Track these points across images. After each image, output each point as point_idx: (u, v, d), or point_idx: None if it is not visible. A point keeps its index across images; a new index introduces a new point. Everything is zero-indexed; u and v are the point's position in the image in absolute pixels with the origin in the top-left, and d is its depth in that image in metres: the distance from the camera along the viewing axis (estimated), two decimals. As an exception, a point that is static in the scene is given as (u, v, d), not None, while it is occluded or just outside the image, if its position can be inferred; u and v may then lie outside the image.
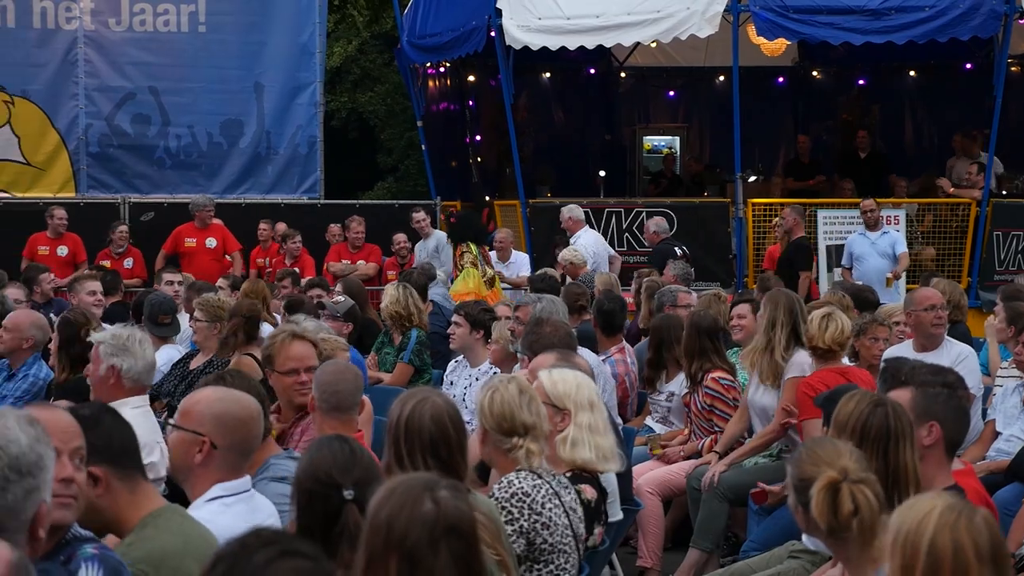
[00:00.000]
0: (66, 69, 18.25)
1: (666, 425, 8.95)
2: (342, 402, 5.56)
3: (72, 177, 18.43)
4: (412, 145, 24.26)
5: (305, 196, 18.95)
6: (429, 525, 3.00)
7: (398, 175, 25.29)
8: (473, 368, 8.78)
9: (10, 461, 2.99)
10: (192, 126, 18.68)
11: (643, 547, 8.04)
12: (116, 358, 5.95)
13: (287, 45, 18.81)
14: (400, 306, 10.05)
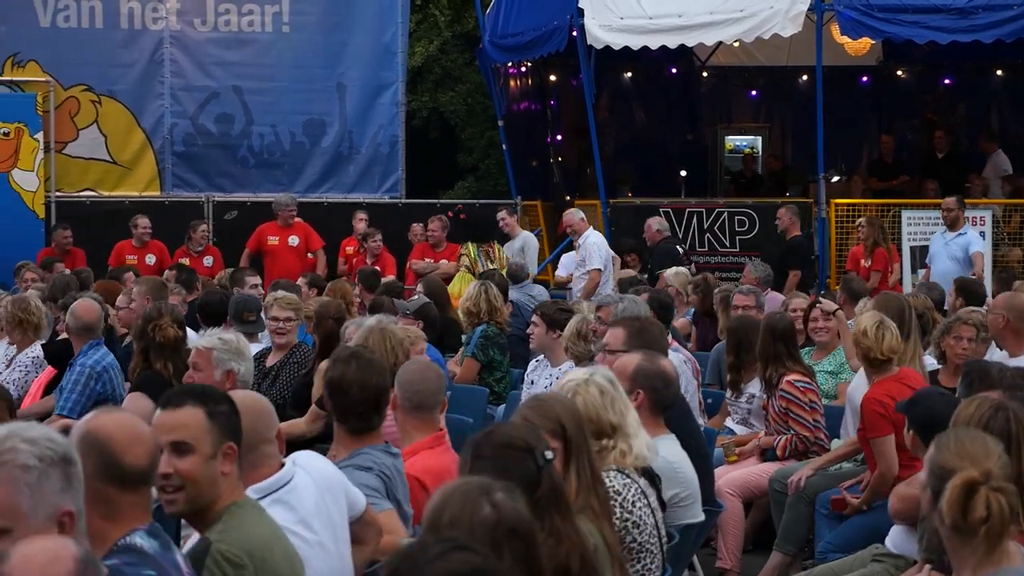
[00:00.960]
0: (152, 69, 18.48)
1: (746, 427, 8.90)
2: (424, 401, 5.56)
3: (157, 176, 18.65)
4: (492, 144, 24.25)
5: (387, 195, 19.03)
6: (490, 528, 3.03)
7: (478, 174, 25.28)
8: (553, 368, 8.77)
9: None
10: (275, 125, 18.83)
11: (723, 548, 8.00)
12: (232, 362, 6.05)
13: (370, 45, 18.91)
14: (472, 303, 10.11)
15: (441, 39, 24.92)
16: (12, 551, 2.65)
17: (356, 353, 5.38)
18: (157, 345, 7.31)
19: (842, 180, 19.93)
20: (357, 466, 4.93)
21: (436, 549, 2.67)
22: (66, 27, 18.22)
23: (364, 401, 5.09)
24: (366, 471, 4.90)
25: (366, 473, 4.88)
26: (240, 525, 3.87)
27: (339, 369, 5.15)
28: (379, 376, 5.20)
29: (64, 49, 18.21)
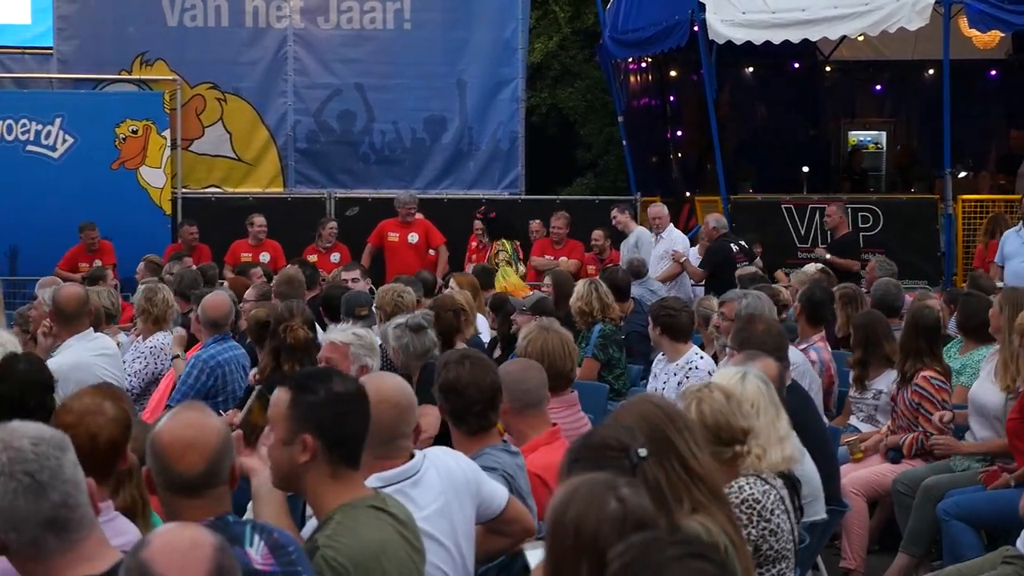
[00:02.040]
0: (276, 67, 18.72)
1: (871, 424, 8.77)
2: (532, 399, 5.55)
3: (280, 173, 18.88)
4: (611, 141, 24.17)
5: (506, 192, 19.06)
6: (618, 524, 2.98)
7: (597, 171, 25.21)
8: (671, 363, 8.73)
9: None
10: (396, 122, 18.95)
11: (847, 548, 7.90)
12: (367, 358, 6.10)
13: (490, 41, 18.94)
14: (584, 302, 10.11)
15: (561, 35, 24.89)
16: (151, 538, 2.69)
17: (466, 353, 5.37)
18: (288, 347, 7.35)
19: (969, 176, 19.56)
20: (482, 466, 4.92)
21: (672, 552, 2.62)
22: (193, 26, 18.53)
23: (481, 400, 5.09)
24: (491, 471, 4.88)
25: (491, 473, 4.88)
26: (351, 530, 3.86)
27: (453, 371, 5.12)
28: (493, 374, 5.19)
29: (191, 48, 18.52)
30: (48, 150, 17.95)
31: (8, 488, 3.07)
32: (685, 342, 8.68)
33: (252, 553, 3.54)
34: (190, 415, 3.68)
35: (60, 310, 7.97)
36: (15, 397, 5.69)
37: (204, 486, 3.58)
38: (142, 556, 2.64)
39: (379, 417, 4.22)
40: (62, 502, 3.12)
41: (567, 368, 6.40)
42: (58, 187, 17.50)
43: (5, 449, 3.11)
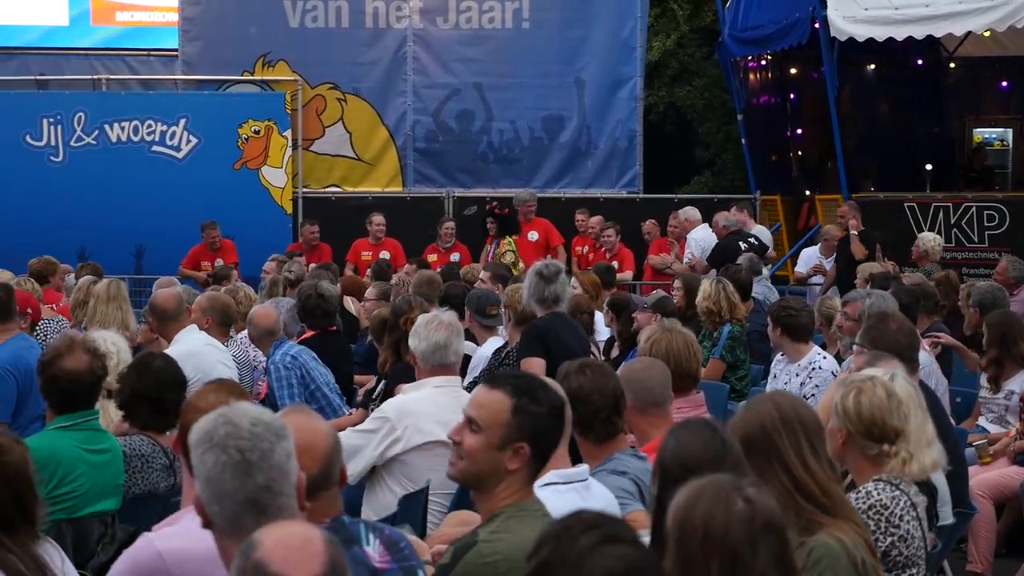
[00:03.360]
0: (395, 67, 18.87)
1: (1001, 425, 8.61)
2: (656, 397, 5.51)
3: (399, 172, 19.03)
4: (730, 139, 24.01)
5: (624, 190, 19.03)
6: (747, 524, 2.96)
7: (715, 169, 25.08)
8: (792, 364, 8.63)
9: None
10: (514, 121, 19.00)
11: (974, 552, 7.77)
12: (412, 340, 6.26)
13: (608, 40, 18.91)
14: (711, 301, 10.03)
15: (679, 33, 24.79)
16: (263, 537, 2.70)
17: (585, 363, 5.35)
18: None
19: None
20: (612, 471, 4.92)
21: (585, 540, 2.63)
22: (313, 27, 18.75)
23: (606, 407, 5.07)
24: (621, 475, 4.88)
25: (621, 477, 4.87)
26: (514, 528, 3.86)
27: (575, 381, 5.09)
28: (614, 380, 5.17)
29: (311, 48, 18.74)
30: (173, 150, 18.28)
31: (219, 460, 3.15)
32: (806, 342, 8.60)
33: (370, 552, 3.60)
34: (299, 419, 3.71)
35: (160, 311, 8.24)
36: (153, 394, 5.81)
37: (318, 488, 3.61)
38: (257, 556, 2.65)
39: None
40: (265, 485, 3.17)
41: (692, 368, 6.34)
42: (182, 187, 17.83)
43: (225, 423, 3.19)
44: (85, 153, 18.17)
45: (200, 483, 3.19)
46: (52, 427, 5.55)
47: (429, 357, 6.25)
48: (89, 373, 5.59)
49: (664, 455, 3.81)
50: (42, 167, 18.06)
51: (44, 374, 5.60)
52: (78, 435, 5.59)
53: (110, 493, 5.66)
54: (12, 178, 17.86)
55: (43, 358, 5.68)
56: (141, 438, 5.88)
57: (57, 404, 5.63)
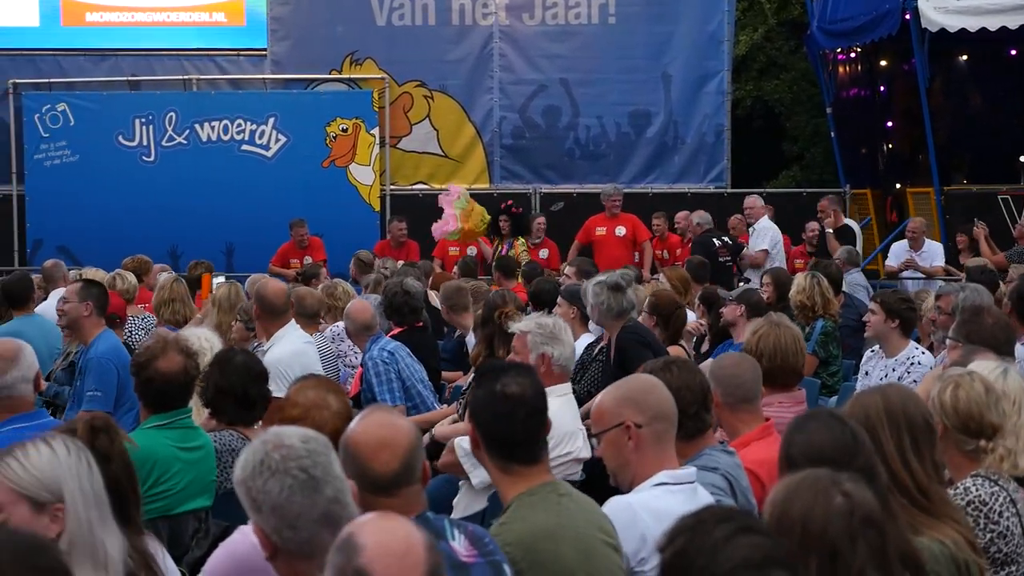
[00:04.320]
0: (482, 64, 18.91)
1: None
2: (748, 392, 5.45)
3: (486, 168, 19.05)
4: (819, 133, 23.79)
5: (711, 185, 18.92)
6: (846, 518, 2.93)
7: (803, 163, 24.87)
8: (889, 359, 8.50)
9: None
10: (601, 116, 18.96)
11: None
12: (547, 346, 6.08)
13: (695, 34, 18.82)
14: (805, 295, 9.90)
15: (767, 27, 24.61)
16: (364, 540, 2.67)
17: (669, 360, 5.32)
18: (504, 333, 7.41)
19: None
20: (702, 465, 4.88)
21: (720, 532, 2.61)
22: (400, 25, 18.83)
23: (694, 402, 5.02)
24: (712, 471, 4.84)
25: (712, 473, 4.83)
26: (520, 517, 3.90)
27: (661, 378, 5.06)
28: (700, 375, 5.12)
29: (398, 46, 18.83)
30: (262, 149, 18.47)
31: (284, 485, 3.16)
32: (909, 337, 8.47)
33: (456, 546, 3.59)
34: (380, 416, 3.72)
35: (269, 305, 8.19)
36: (238, 389, 5.85)
37: (400, 484, 3.60)
38: (360, 563, 2.62)
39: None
40: (335, 497, 3.21)
41: (799, 364, 6.26)
42: (271, 185, 18.01)
43: (276, 448, 3.20)
44: (176, 153, 18.40)
45: (265, 514, 3.18)
46: (147, 426, 5.59)
47: (568, 364, 6.17)
48: (183, 373, 5.64)
49: (791, 449, 3.73)
50: (134, 167, 18.32)
51: (140, 375, 5.65)
52: (172, 433, 5.64)
53: (204, 490, 5.72)
54: (105, 178, 18.16)
55: (138, 359, 5.72)
56: (231, 433, 5.93)
57: (152, 404, 5.68)
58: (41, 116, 18.40)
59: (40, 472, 3.24)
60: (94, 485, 3.29)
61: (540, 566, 3.82)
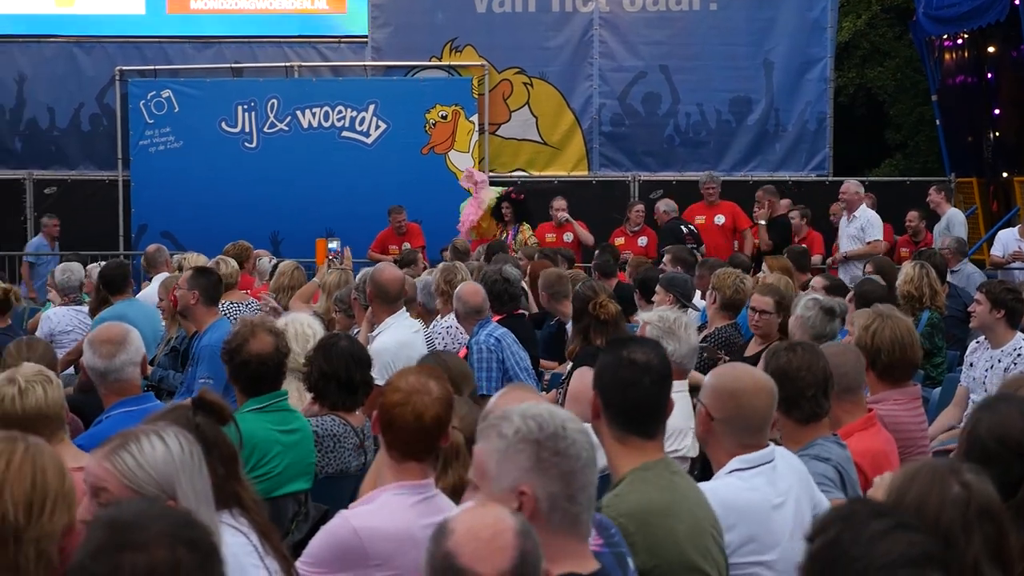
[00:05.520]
0: (582, 50, 18.86)
1: None
2: (850, 382, 5.42)
3: (585, 156, 19.01)
4: (923, 121, 23.49)
5: (813, 173, 18.73)
6: (961, 508, 2.91)
7: (907, 151, 24.57)
8: (994, 349, 8.36)
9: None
10: (701, 104, 18.84)
11: None
12: (662, 340, 6.03)
13: (798, 21, 18.62)
14: (913, 286, 9.72)
15: (870, 13, 24.31)
16: (455, 525, 2.68)
17: (794, 342, 5.28)
18: (600, 322, 7.38)
19: None
20: (815, 456, 4.82)
21: (877, 526, 2.58)
22: (500, 12, 18.84)
23: (814, 385, 4.96)
24: (824, 461, 4.79)
25: (824, 464, 4.78)
26: (636, 490, 3.90)
27: (784, 357, 5.01)
28: (824, 360, 5.06)
29: (498, 33, 18.85)
30: (362, 136, 18.58)
31: (581, 455, 3.18)
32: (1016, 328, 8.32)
33: None
34: (522, 395, 3.71)
35: (383, 291, 8.15)
36: (342, 374, 5.89)
37: None
38: (447, 546, 2.63)
39: (757, 405, 4.31)
40: (595, 482, 3.22)
41: (916, 356, 6.16)
42: (371, 172, 18.11)
43: (570, 421, 3.22)
44: (277, 139, 18.58)
45: (551, 478, 3.15)
46: (245, 410, 5.65)
47: (687, 361, 6.11)
48: (276, 354, 5.70)
49: (979, 427, 3.68)
50: (237, 153, 18.54)
51: (233, 360, 5.71)
52: (271, 416, 5.71)
53: (302, 472, 5.77)
54: (208, 164, 18.39)
55: (229, 345, 5.77)
56: (332, 418, 5.97)
57: (248, 387, 5.74)
58: (146, 103, 18.68)
59: (154, 469, 3.27)
60: (203, 481, 3.31)
61: (654, 540, 3.80)
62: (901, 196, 17.09)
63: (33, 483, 3.03)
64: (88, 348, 5.55)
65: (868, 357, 5.83)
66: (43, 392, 4.72)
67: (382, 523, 4.03)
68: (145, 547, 2.37)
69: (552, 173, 18.88)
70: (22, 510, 2.99)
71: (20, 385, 4.71)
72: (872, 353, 5.94)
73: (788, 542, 4.28)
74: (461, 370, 5.54)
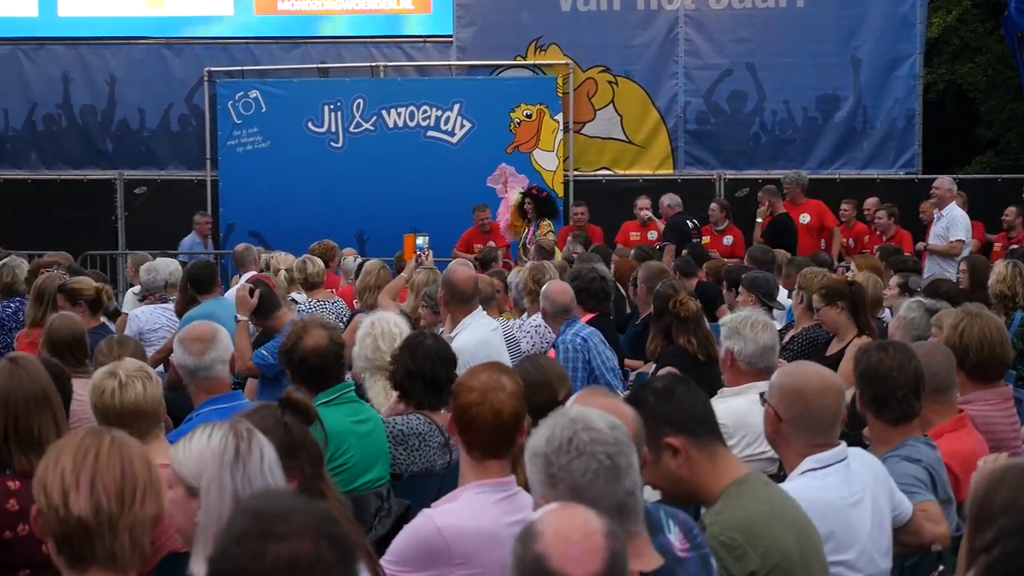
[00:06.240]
0: (667, 49, 18.78)
1: None
2: (940, 382, 5.37)
3: (670, 154, 18.93)
4: (1015, 118, 23.15)
5: (902, 171, 18.52)
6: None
7: (998, 149, 24.21)
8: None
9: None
10: (787, 101, 18.68)
11: None
12: (729, 341, 6.00)
13: (886, 17, 18.41)
14: (1005, 284, 9.59)
15: (960, 8, 23.98)
16: (543, 527, 2.66)
17: (885, 342, 5.23)
18: (681, 320, 7.36)
19: None
20: (905, 456, 4.78)
21: None
22: (585, 10, 18.81)
23: (905, 385, 4.91)
24: (915, 463, 4.74)
25: (915, 465, 4.73)
26: (734, 504, 3.86)
27: (875, 356, 4.97)
28: (916, 359, 5.01)
29: (583, 32, 18.82)
30: (447, 135, 18.65)
31: (588, 468, 3.14)
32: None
33: (673, 540, 3.53)
34: (604, 400, 3.69)
35: (457, 292, 8.16)
36: (428, 372, 5.92)
37: None
38: (537, 549, 2.62)
39: (826, 404, 4.27)
40: (631, 490, 3.19)
41: (1007, 355, 6.07)
42: (456, 171, 18.16)
43: (586, 429, 3.18)
44: (363, 139, 18.70)
45: (560, 491, 3.14)
46: (316, 404, 5.69)
47: (757, 360, 6.01)
48: (331, 345, 5.77)
49: None
50: (323, 153, 18.68)
51: (292, 359, 5.78)
52: (341, 408, 5.78)
53: (376, 461, 5.82)
54: (295, 164, 18.55)
55: (284, 347, 5.85)
56: (417, 417, 6.00)
57: (312, 383, 5.79)
58: (234, 103, 18.89)
59: (189, 459, 3.33)
60: (243, 478, 3.31)
61: (762, 550, 3.78)
62: (992, 194, 16.85)
63: (123, 473, 3.07)
64: (178, 346, 5.62)
65: (957, 356, 5.75)
66: (142, 388, 4.82)
67: (465, 521, 4.04)
68: (288, 538, 2.38)
69: (636, 172, 18.83)
70: (114, 500, 3.03)
71: (121, 379, 4.81)
72: (960, 352, 5.86)
73: (867, 541, 4.24)
74: (558, 372, 5.53)
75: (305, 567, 2.37)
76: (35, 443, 4.43)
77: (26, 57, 19.86)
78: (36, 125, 19.91)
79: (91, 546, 3.01)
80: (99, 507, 3.02)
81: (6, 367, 4.74)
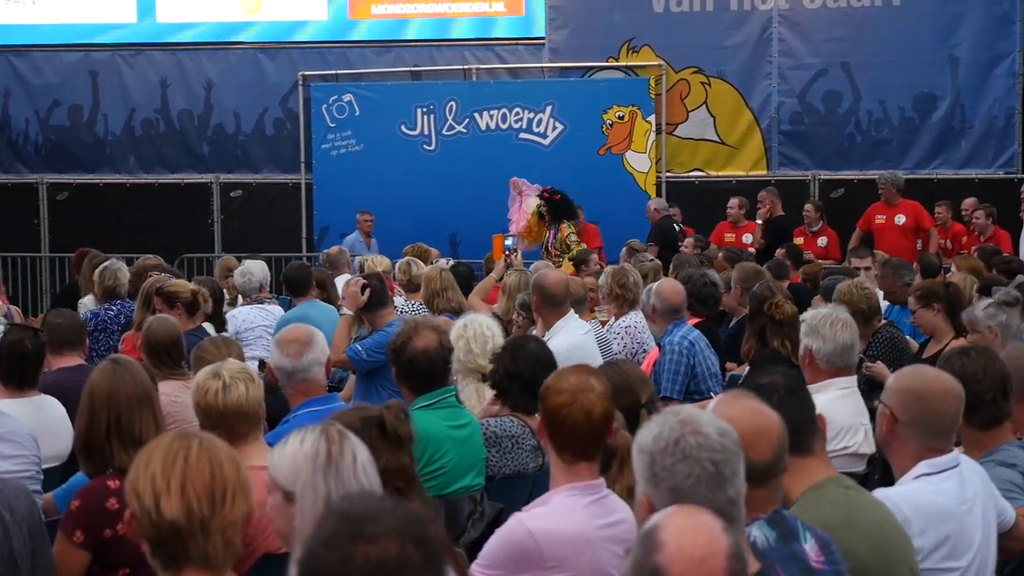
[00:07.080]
0: (760, 49, 18.63)
1: None
2: (1022, 388, 5.28)
3: (764, 155, 18.79)
4: (1120, 115, 22.64)
5: (1001, 171, 18.21)
6: None
7: (1103, 147, 23.72)
8: None
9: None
10: (883, 101, 18.44)
11: None
12: (807, 339, 5.97)
13: (985, 15, 18.11)
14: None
15: (1062, 4, 23.51)
16: (666, 537, 2.62)
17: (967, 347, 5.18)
18: (775, 323, 7.32)
19: None
20: (1000, 462, 4.72)
21: None
22: (678, 11, 18.73)
23: (992, 388, 4.85)
24: (1010, 467, 4.68)
25: (1010, 470, 4.67)
26: (811, 509, 3.82)
27: (958, 362, 4.91)
28: (1000, 361, 4.95)
29: (676, 33, 18.73)
30: (539, 137, 18.67)
31: (692, 472, 3.10)
32: None
33: (808, 550, 3.49)
34: (751, 403, 3.63)
35: (548, 296, 8.13)
36: (527, 375, 5.93)
37: (769, 476, 3.53)
38: (657, 560, 2.59)
39: (945, 408, 4.24)
40: (734, 499, 3.14)
41: None
42: (548, 173, 18.08)
43: (694, 433, 3.15)
44: (456, 141, 18.78)
45: (661, 491, 3.11)
46: (415, 407, 5.70)
47: (836, 359, 5.95)
48: (441, 349, 5.76)
49: None
50: (416, 155, 18.78)
51: (399, 359, 5.77)
52: (441, 413, 5.78)
53: (473, 467, 5.83)
54: (388, 167, 18.68)
55: (393, 345, 5.83)
56: (511, 419, 6.01)
57: (417, 385, 5.80)
58: (328, 107, 19.05)
59: (284, 465, 3.37)
60: (331, 482, 3.33)
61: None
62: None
63: (212, 475, 3.12)
64: (275, 348, 5.68)
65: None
66: (245, 389, 4.89)
67: (557, 525, 4.04)
68: (377, 540, 2.39)
69: (730, 173, 18.71)
70: (205, 502, 3.07)
71: (224, 380, 4.88)
72: None
73: (978, 549, 4.19)
74: (639, 376, 5.51)
75: (391, 569, 2.37)
76: (136, 442, 4.51)
77: (125, 63, 20.18)
78: (135, 130, 20.21)
79: (184, 548, 3.06)
80: (190, 510, 3.07)
81: (109, 367, 4.86)
